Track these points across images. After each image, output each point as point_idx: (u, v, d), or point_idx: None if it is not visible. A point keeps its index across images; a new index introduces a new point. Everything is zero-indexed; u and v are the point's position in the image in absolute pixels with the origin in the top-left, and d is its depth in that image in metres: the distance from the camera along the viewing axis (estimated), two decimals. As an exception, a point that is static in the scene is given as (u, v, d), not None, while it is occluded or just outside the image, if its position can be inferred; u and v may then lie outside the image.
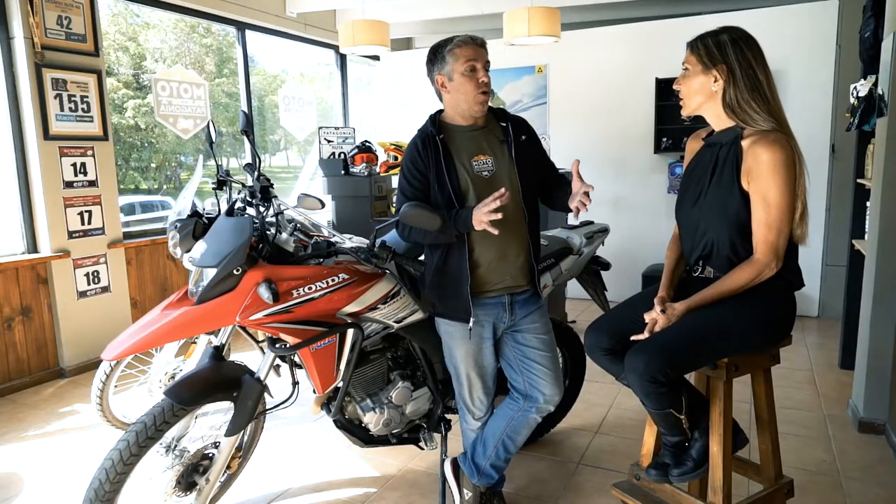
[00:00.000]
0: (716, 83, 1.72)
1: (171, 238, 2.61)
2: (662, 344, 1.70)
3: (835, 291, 4.87)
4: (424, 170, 2.06)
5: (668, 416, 1.79)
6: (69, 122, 3.95)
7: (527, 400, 2.18)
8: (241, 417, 2.01)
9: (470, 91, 2.02)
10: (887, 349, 2.89)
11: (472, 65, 2.00)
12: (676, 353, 1.69)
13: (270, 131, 6.44)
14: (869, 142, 3.31)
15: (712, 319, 1.73)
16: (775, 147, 1.63)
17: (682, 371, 1.74)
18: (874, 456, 2.76)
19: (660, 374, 1.67)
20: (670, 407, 1.76)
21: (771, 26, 4.90)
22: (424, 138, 2.07)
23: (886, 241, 2.86)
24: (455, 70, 2.01)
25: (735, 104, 1.71)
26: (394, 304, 2.17)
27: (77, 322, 4.11)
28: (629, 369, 1.74)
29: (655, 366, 1.67)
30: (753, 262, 1.69)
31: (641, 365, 1.69)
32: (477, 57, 2.02)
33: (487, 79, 2.04)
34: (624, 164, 5.61)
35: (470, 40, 2.03)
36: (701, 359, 1.75)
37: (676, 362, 1.69)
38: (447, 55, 2.02)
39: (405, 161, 2.11)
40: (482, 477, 2.25)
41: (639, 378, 1.70)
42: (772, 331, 1.78)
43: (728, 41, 1.71)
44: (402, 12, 6.01)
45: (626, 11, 5.95)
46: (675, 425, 1.82)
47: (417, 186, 2.08)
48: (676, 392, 1.76)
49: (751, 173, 1.67)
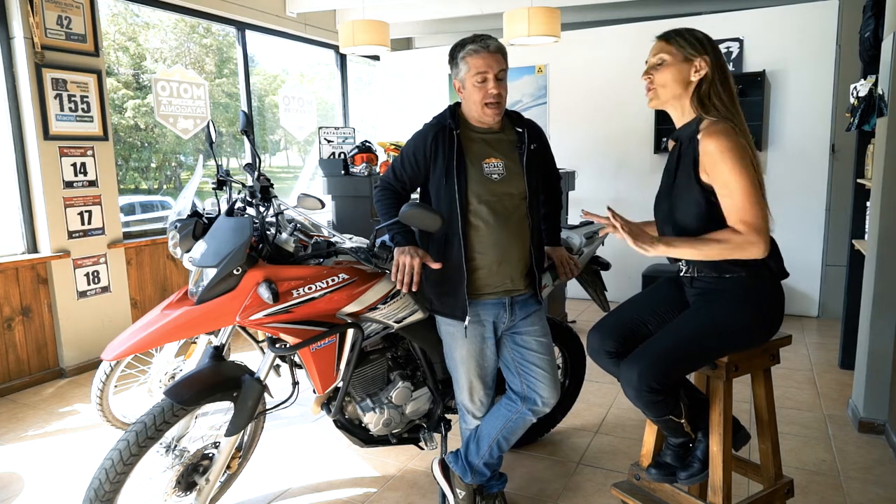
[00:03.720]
0: (696, 73, 1.73)
1: (171, 238, 2.61)
2: (654, 354, 1.72)
3: (835, 291, 4.88)
4: (424, 162, 2.05)
5: (668, 423, 1.81)
6: (69, 122, 3.95)
7: (524, 402, 2.18)
8: (241, 417, 2.01)
9: (478, 101, 2.00)
10: (887, 349, 2.89)
11: (482, 76, 1.97)
12: (669, 361, 1.71)
13: (270, 131, 6.43)
14: (869, 142, 3.31)
15: (704, 323, 1.74)
16: (720, 136, 1.64)
17: (677, 378, 1.75)
18: (874, 456, 2.76)
19: (655, 382, 1.69)
20: (670, 414, 1.78)
21: (771, 26, 4.90)
22: (440, 130, 2.04)
23: (886, 241, 2.86)
24: (467, 79, 2.00)
25: (706, 96, 1.73)
26: (394, 304, 2.17)
27: (77, 322, 4.11)
28: (624, 383, 1.75)
29: (649, 376, 1.69)
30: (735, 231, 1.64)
31: (635, 377, 1.71)
32: (488, 68, 1.97)
33: (498, 90, 1.99)
34: (624, 164, 5.61)
35: (483, 48, 1.97)
36: (695, 363, 1.76)
37: (670, 370, 1.70)
38: (460, 61, 2.01)
39: (410, 143, 2.10)
40: (475, 475, 2.25)
41: (634, 390, 1.72)
42: (765, 324, 1.78)
43: (704, 37, 1.75)
44: (402, 12, 6.01)
45: (626, 11, 5.95)
46: (677, 429, 1.84)
47: (408, 173, 2.11)
48: (674, 398, 1.77)
49: (705, 167, 1.68)
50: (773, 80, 4.96)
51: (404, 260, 1.97)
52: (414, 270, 1.96)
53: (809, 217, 4.97)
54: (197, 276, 2.00)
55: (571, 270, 2.38)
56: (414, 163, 2.08)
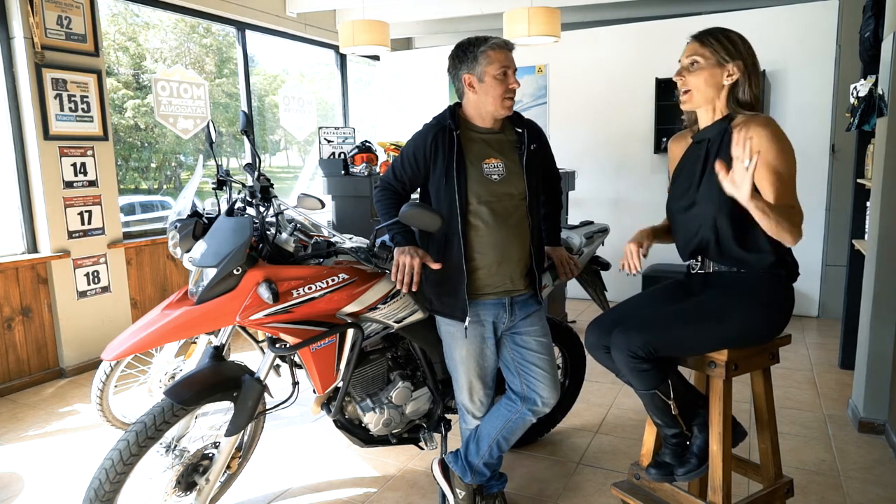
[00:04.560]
0: (729, 77, 1.73)
1: (171, 238, 2.61)
2: (642, 320, 1.76)
3: (835, 291, 4.88)
4: (424, 162, 2.06)
5: (654, 399, 1.80)
6: (69, 122, 3.96)
7: (524, 402, 2.17)
8: (241, 417, 2.01)
9: (499, 95, 2.03)
10: (887, 349, 2.89)
11: (505, 70, 2.02)
12: (658, 329, 1.73)
13: (270, 131, 6.43)
14: (869, 142, 3.31)
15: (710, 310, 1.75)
16: (766, 124, 1.66)
17: (665, 349, 1.74)
18: (874, 456, 2.76)
19: (640, 349, 1.71)
20: (655, 387, 1.78)
21: (771, 26, 4.91)
22: (439, 131, 2.05)
23: (886, 241, 2.86)
24: (487, 72, 2.01)
25: (748, 99, 1.74)
26: (394, 304, 2.17)
27: (77, 322, 4.11)
28: (613, 347, 1.78)
29: (636, 341, 1.71)
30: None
31: (622, 340, 1.74)
32: (510, 63, 2.04)
33: (517, 85, 2.05)
34: (624, 164, 5.61)
35: (504, 45, 2.04)
36: (689, 346, 1.76)
37: (658, 339, 1.72)
38: (480, 56, 2.01)
39: (409, 144, 2.11)
40: (475, 475, 2.25)
41: (621, 354, 1.75)
42: (771, 324, 1.78)
43: (738, 38, 1.75)
44: (402, 12, 6.01)
45: (626, 11, 5.95)
46: (665, 412, 1.82)
47: (408, 173, 2.12)
48: (660, 372, 1.77)
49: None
50: (773, 80, 4.97)
51: (404, 260, 1.98)
52: (414, 270, 1.97)
53: (809, 217, 4.95)
54: (197, 276, 2.01)
55: (571, 270, 2.38)
56: (414, 163, 2.08)
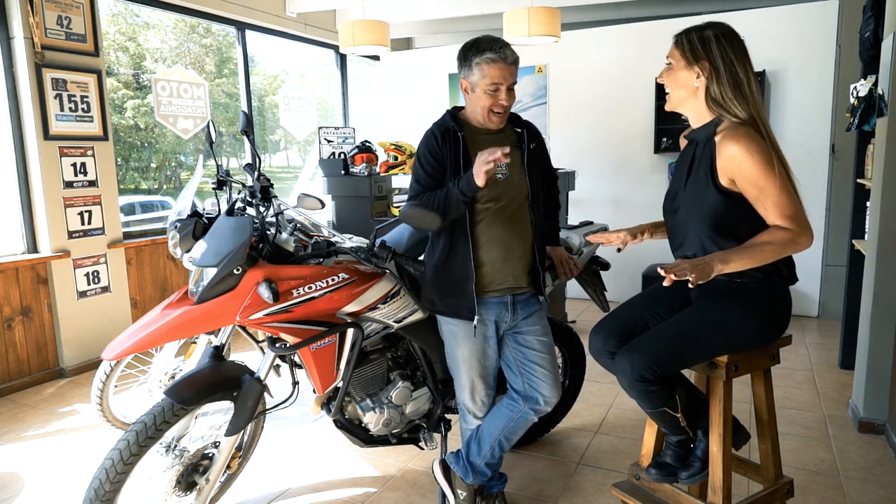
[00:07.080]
0: (698, 79, 1.71)
1: (171, 238, 2.61)
2: (650, 345, 1.72)
3: (835, 291, 4.87)
4: (442, 160, 2.04)
5: (663, 415, 1.80)
6: (69, 122, 3.95)
7: (526, 401, 2.18)
8: (241, 417, 2.01)
9: (486, 108, 2.02)
10: (887, 349, 2.89)
11: (497, 86, 1.98)
12: (661, 350, 1.70)
13: (270, 131, 6.43)
14: (869, 142, 3.31)
15: (707, 320, 1.73)
16: (739, 139, 1.62)
17: (670, 368, 1.73)
18: (874, 456, 2.76)
19: (647, 371, 1.68)
20: (664, 405, 1.77)
21: (771, 26, 4.91)
22: (444, 132, 2.05)
23: (886, 241, 2.86)
24: (479, 84, 2.00)
25: (720, 99, 1.69)
26: (394, 304, 2.17)
27: (77, 322, 4.11)
28: (617, 372, 1.75)
29: (641, 364, 1.68)
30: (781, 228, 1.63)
31: (627, 365, 1.70)
32: (503, 80, 1.98)
33: (508, 102, 2.01)
34: (624, 164, 5.61)
35: (501, 59, 1.96)
36: (691, 358, 1.75)
37: (664, 362, 1.70)
38: (474, 66, 1.99)
39: (421, 150, 2.09)
40: (477, 476, 2.25)
41: (627, 379, 1.72)
42: (769, 330, 1.78)
43: (712, 37, 1.70)
44: (402, 12, 6.01)
45: (626, 11, 5.95)
46: (673, 423, 1.82)
47: (433, 175, 2.05)
48: (668, 389, 1.75)
49: (729, 172, 1.65)
50: (773, 80, 4.97)
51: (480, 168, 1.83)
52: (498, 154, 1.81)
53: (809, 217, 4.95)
54: (197, 276, 2.00)
55: (571, 270, 2.39)
56: (434, 162, 2.06)
